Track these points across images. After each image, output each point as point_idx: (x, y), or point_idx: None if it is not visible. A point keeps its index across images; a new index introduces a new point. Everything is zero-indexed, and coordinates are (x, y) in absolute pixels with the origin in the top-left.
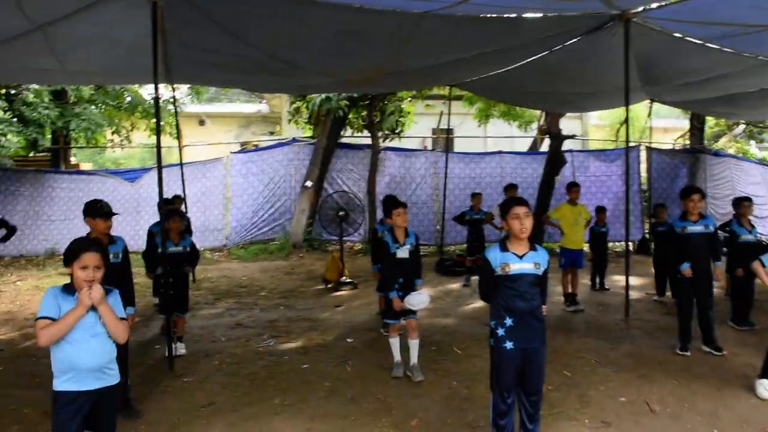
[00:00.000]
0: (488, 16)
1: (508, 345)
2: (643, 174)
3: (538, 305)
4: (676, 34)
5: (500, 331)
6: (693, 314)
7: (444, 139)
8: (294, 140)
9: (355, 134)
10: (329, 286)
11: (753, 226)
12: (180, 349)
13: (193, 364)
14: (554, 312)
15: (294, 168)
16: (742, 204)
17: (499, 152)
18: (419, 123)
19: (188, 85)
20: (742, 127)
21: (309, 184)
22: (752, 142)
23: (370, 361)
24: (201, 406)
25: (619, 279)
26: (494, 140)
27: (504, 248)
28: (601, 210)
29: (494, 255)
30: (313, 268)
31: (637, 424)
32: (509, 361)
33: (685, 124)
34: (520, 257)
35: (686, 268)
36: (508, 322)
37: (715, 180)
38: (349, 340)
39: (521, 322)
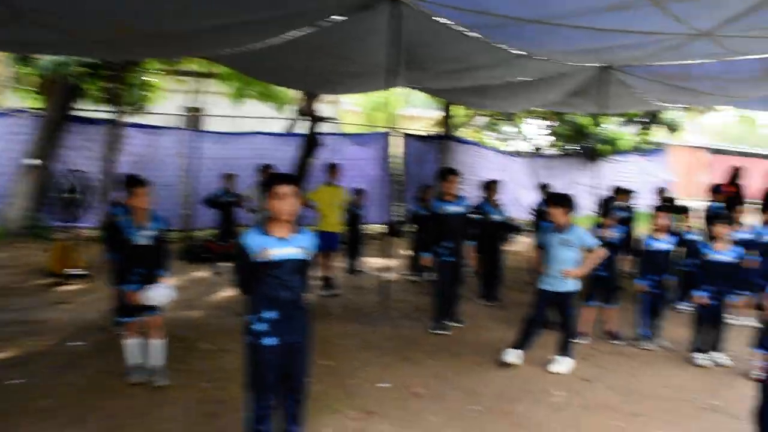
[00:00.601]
0: None
1: (269, 341)
2: (396, 159)
3: (302, 294)
4: (443, 20)
5: (259, 326)
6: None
7: (195, 118)
8: (15, 111)
9: (94, 107)
10: (55, 279)
11: (498, 206)
12: None
13: None
14: (311, 298)
15: (15, 143)
16: (491, 186)
17: (254, 133)
18: (170, 99)
19: None
20: (483, 118)
21: (32, 162)
22: (492, 133)
23: (103, 368)
24: None
25: (373, 261)
26: (250, 121)
27: (264, 231)
28: (358, 192)
29: (252, 239)
30: (35, 260)
31: (402, 409)
32: (270, 360)
33: (432, 113)
34: (283, 241)
35: (426, 257)
36: (270, 314)
37: (459, 165)
38: (76, 343)
39: (284, 314)
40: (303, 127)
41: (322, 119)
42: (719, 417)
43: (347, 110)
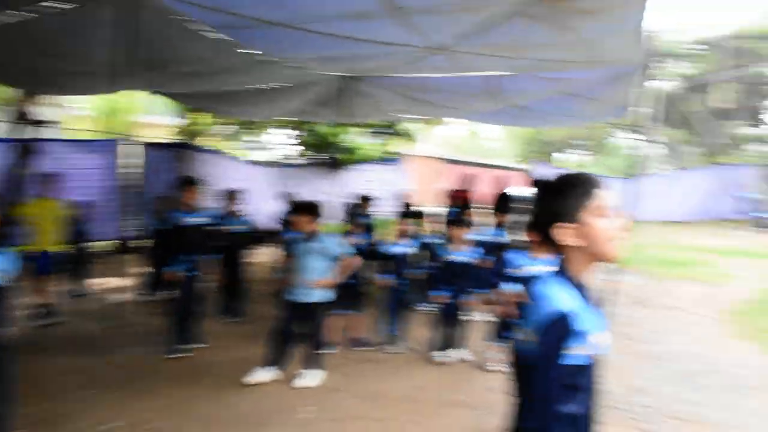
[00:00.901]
0: None
1: None
2: (132, 169)
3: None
4: (184, 17)
5: None
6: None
7: None
8: None
9: None
10: None
11: (241, 216)
12: None
13: None
14: (16, 331)
15: None
16: (232, 196)
17: None
18: None
19: None
20: (228, 127)
21: None
22: (237, 142)
23: None
24: None
25: (101, 282)
26: None
27: None
28: (80, 205)
29: None
30: None
31: None
32: None
33: (173, 121)
34: None
35: (171, 272)
36: None
37: (200, 175)
38: None
39: None
40: (19, 131)
41: (41, 123)
42: (461, 411)
43: (75, 115)
